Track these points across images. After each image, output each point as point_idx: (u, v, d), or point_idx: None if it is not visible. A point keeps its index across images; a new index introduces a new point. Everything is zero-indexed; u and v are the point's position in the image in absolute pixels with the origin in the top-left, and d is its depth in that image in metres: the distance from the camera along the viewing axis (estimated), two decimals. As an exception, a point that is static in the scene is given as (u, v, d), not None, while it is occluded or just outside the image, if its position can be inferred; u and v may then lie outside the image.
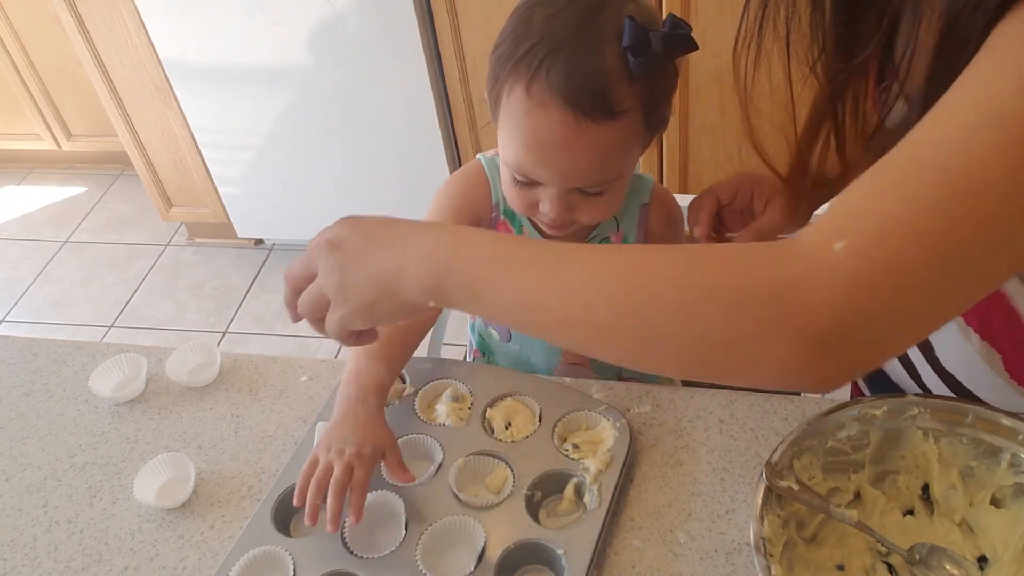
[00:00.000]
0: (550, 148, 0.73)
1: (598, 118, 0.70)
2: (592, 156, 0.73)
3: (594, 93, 0.70)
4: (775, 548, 0.64)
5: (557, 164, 0.74)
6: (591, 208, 0.79)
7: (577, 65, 0.70)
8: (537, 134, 0.72)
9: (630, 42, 0.69)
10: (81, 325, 2.32)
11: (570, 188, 0.76)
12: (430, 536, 0.72)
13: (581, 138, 0.71)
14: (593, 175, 0.76)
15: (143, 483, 0.81)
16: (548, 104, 0.70)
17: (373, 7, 1.82)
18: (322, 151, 2.10)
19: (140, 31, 1.98)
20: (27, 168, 2.93)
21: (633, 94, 0.72)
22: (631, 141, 0.76)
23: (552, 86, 0.70)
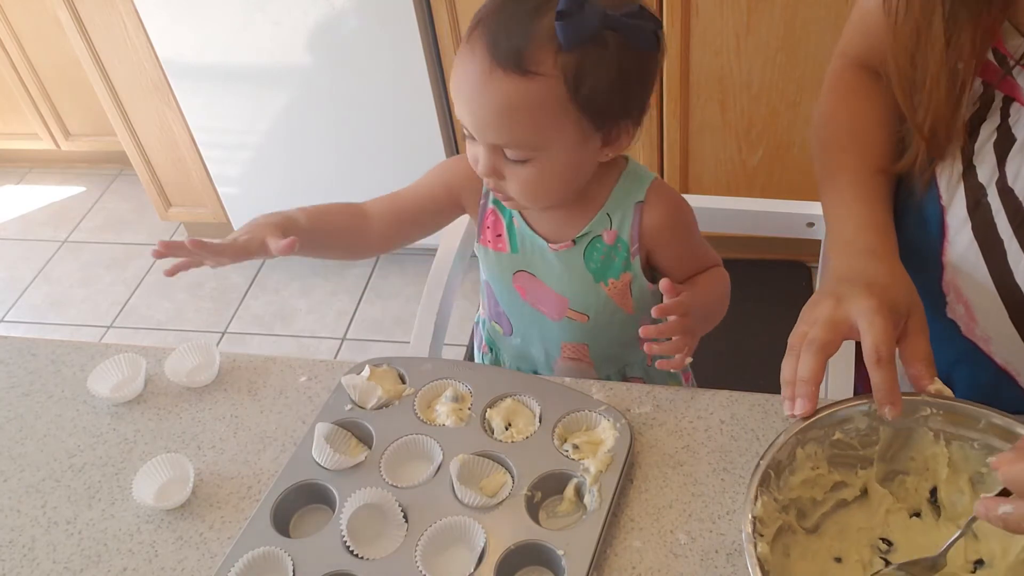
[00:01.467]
0: (466, 90, 0.76)
1: (509, 69, 0.73)
2: (499, 107, 0.75)
3: (514, 46, 0.73)
4: (767, 529, 0.64)
5: (471, 108, 0.76)
6: (516, 178, 0.80)
7: (511, 20, 0.74)
8: (460, 75, 0.76)
9: (561, 6, 0.71)
10: (80, 325, 2.31)
11: (490, 144, 0.78)
12: (430, 536, 0.72)
13: (491, 85, 0.74)
14: (503, 131, 0.76)
15: (142, 484, 0.81)
16: (475, 48, 0.74)
17: (373, 7, 1.82)
18: (321, 150, 2.10)
19: (139, 30, 1.98)
20: (25, 168, 2.93)
21: (556, 61, 0.73)
22: (549, 109, 0.75)
23: (482, 34, 0.74)
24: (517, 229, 0.92)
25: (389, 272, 2.34)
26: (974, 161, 0.72)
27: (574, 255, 0.89)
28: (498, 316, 1.00)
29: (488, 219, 0.93)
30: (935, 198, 0.76)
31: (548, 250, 0.90)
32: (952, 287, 0.75)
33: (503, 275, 0.95)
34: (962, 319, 0.76)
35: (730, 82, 1.74)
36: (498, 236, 0.93)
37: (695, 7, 1.64)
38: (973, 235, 0.72)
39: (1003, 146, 0.70)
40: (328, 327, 2.21)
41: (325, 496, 0.78)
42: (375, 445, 0.81)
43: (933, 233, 0.76)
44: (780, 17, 1.64)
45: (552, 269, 0.91)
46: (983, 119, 0.72)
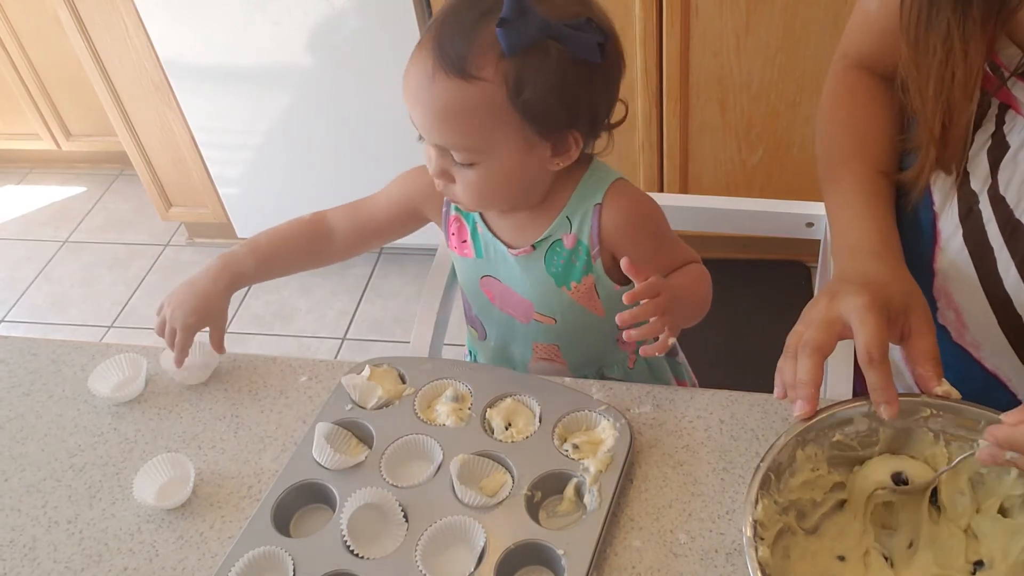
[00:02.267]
0: (413, 90, 0.78)
1: (451, 72, 0.74)
2: (440, 109, 0.76)
3: (457, 50, 0.74)
4: (767, 532, 0.64)
5: (417, 108, 0.78)
6: (463, 180, 0.81)
7: (458, 25, 0.75)
8: (408, 75, 0.78)
9: (504, 13, 0.72)
10: (80, 325, 2.31)
11: (435, 143, 0.80)
12: (430, 536, 0.72)
13: (432, 86, 0.75)
14: (445, 133, 0.78)
15: (142, 484, 0.81)
16: (423, 50, 0.76)
17: (373, 7, 1.82)
18: (322, 151, 2.10)
19: (139, 30, 1.98)
20: (26, 168, 2.93)
21: (497, 67, 0.74)
22: (489, 114, 0.76)
23: (432, 36, 0.76)
24: (480, 235, 0.92)
25: (389, 272, 2.34)
26: (968, 168, 0.72)
27: (534, 260, 0.89)
28: (472, 320, 1.01)
29: (452, 226, 0.94)
30: (929, 204, 0.76)
31: (508, 254, 0.90)
32: (943, 293, 0.76)
33: (471, 280, 0.96)
34: (952, 325, 0.76)
35: (730, 82, 1.74)
36: (463, 242, 0.93)
37: (695, 7, 1.64)
38: (964, 242, 0.73)
39: (996, 153, 0.70)
40: (328, 327, 2.21)
41: (325, 496, 0.78)
42: (375, 445, 0.81)
43: (925, 239, 0.76)
44: (780, 17, 1.64)
45: (514, 273, 0.91)
46: (979, 126, 0.72)
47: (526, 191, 0.85)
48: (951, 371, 0.76)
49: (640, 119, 1.82)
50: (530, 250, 0.89)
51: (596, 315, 0.92)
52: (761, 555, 0.61)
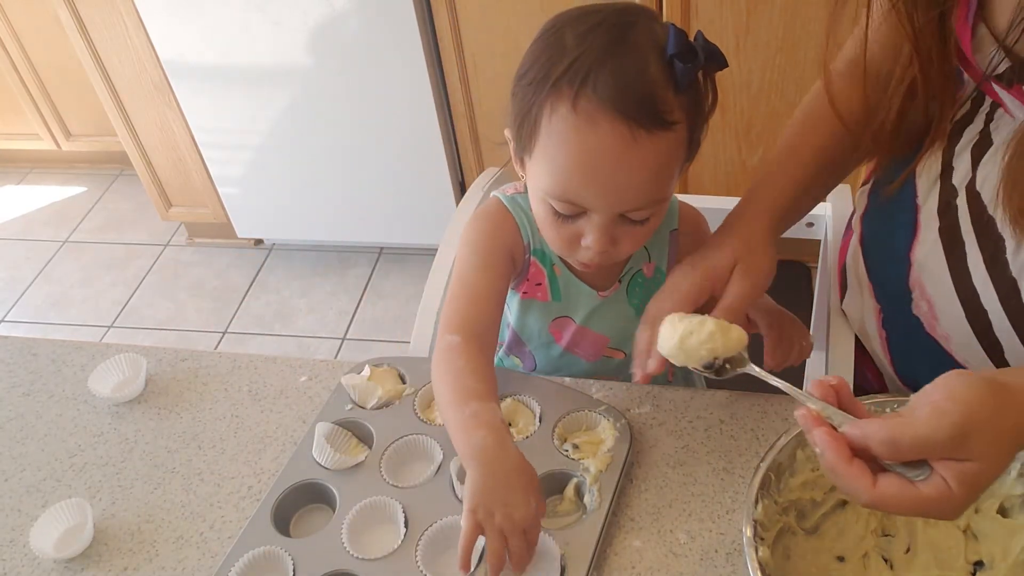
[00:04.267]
0: (602, 165, 0.68)
1: (652, 128, 0.66)
2: (645, 172, 0.69)
3: (645, 102, 0.66)
4: (767, 532, 0.64)
5: (610, 183, 0.69)
6: (632, 237, 0.75)
7: (625, 75, 0.66)
8: (588, 152, 0.68)
9: (676, 48, 0.66)
10: (80, 325, 2.32)
11: (618, 212, 0.72)
12: (430, 536, 0.72)
13: (635, 151, 0.67)
14: (644, 194, 0.71)
15: (40, 534, 0.78)
16: (598, 118, 0.66)
17: (373, 7, 1.82)
18: (322, 151, 2.10)
19: (139, 31, 1.98)
20: (26, 168, 2.93)
21: (680, 105, 0.68)
22: (678, 159, 0.72)
23: (601, 98, 0.66)
24: (560, 278, 0.87)
25: (389, 272, 2.34)
26: (953, 163, 0.73)
27: (619, 295, 0.88)
28: (521, 354, 0.96)
29: (531, 271, 0.87)
30: (911, 196, 0.76)
31: (597, 297, 0.87)
32: (917, 284, 0.77)
33: (539, 322, 0.91)
34: (925, 316, 0.77)
35: (730, 82, 1.74)
36: (538, 285, 0.88)
37: (695, 7, 1.64)
38: (939, 236, 0.74)
39: (980, 150, 0.71)
40: (328, 327, 2.21)
41: (325, 496, 0.79)
42: (375, 445, 0.81)
43: (905, 230, 0.77)
44: (780, 17, 1.64)
45: (596, 313, 0.88)
46: (970, 122, 0.73)
47: None
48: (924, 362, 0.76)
49: (640, 119, 1.82)
50: (617, 286, 0.87)
51: None
52: (761, 555, 0.61)
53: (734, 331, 0.70)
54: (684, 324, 0.70)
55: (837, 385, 0.59)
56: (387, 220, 2.21)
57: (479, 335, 0.79)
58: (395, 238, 2.29)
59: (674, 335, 0.69)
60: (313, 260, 2.41)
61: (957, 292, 0.72)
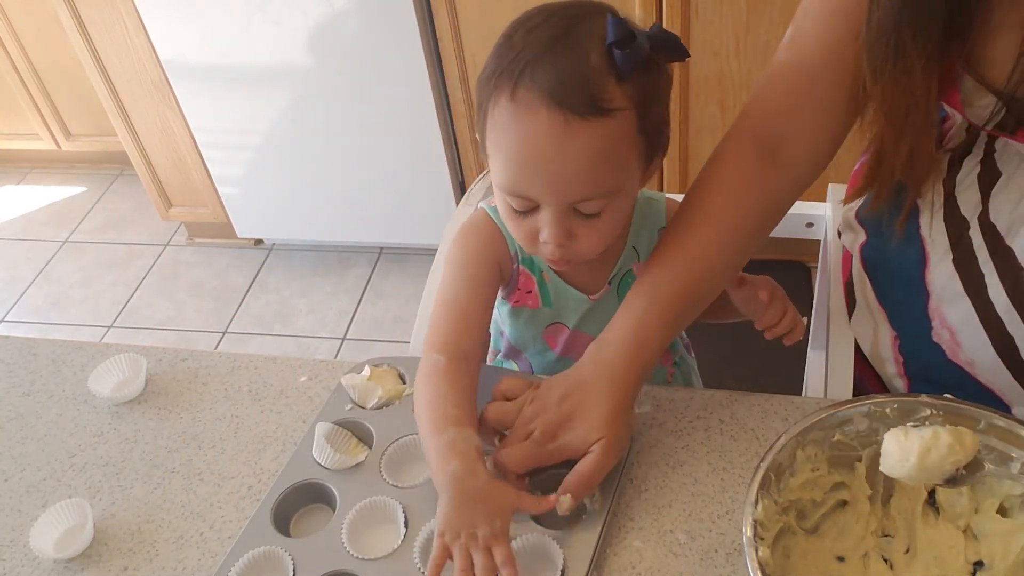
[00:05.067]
0: (540, 153, 0.69)
1: (587, 115, 0.67)
2: (584, 159, 0.69)
3: (581, 89, 0.67)
4: (767, 532, 0.64)
5: (550, 172, 0.70)
6: (590, 233, 0.74)
7: (562, 64, 0.67)
8: (526, 141, 0.69)
9: (615, 37, 0.67)
10: (80, 325, 2.32)
11: (566, 204, 0.72)
12: (429, 535, 0.72)
13: (571, 138, 0.68)
14: (587, 184, 0.71)
15: (40, 534, 0.78)
16: (535, 106, 0.67)
17: (373, 7, 1.82)
18: (322, 151, 2.10)
19: (139, 30, 1.98)
20: (26, 168, 2.93)
21: (622, 92, 0.69)
22: (625, 148, 0.71)
23: (538, 86, 0.67)
24: (549, 284, 0.87)
25: (389, 272, 2.34)
26: (956, 193, 0.73)
27: (610, 296, 0.87)
28: (518, 360, 0.96)
29: (520, 280, 0.87)
30: (915, 228, 0.76)
31: (586, 301, 0.87)
32: (937, 313, 0.76)
33: (531, 330, 0.90)
34: (947, 344, 0.77)
35: (730, 82, 1.74)
36: (528, 293, 0.88)
37: (695, 7, 1.64)
38: (955, 268, 0.73)
39: (987, 180, 0.71)
40: (328, 327, 2.21)
41: (325, 496, 0.79)
42: (375, 445, 0.81)
43: (915, 262, 0.77)
44: (780, 17, 1.64)
45: (588, 317, 0.88)
46: (968, 152, 0.73)
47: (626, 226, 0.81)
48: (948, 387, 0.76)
49: (640, 119, 1.82)
50: (607, 288, 0.86)
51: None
52: (761, 555, 0.61)
53: (967, 436, 0.64)
54: (916, 441, 0.63)
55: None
56: (387, 220, 2.21)
57: (464, 355, 0.79)
58: (395, 238, 2.29)
59: (910, 455, 0.63)
60: (313, 260, 2.41)
61: (981, 321, 0.72)
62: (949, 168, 0.74)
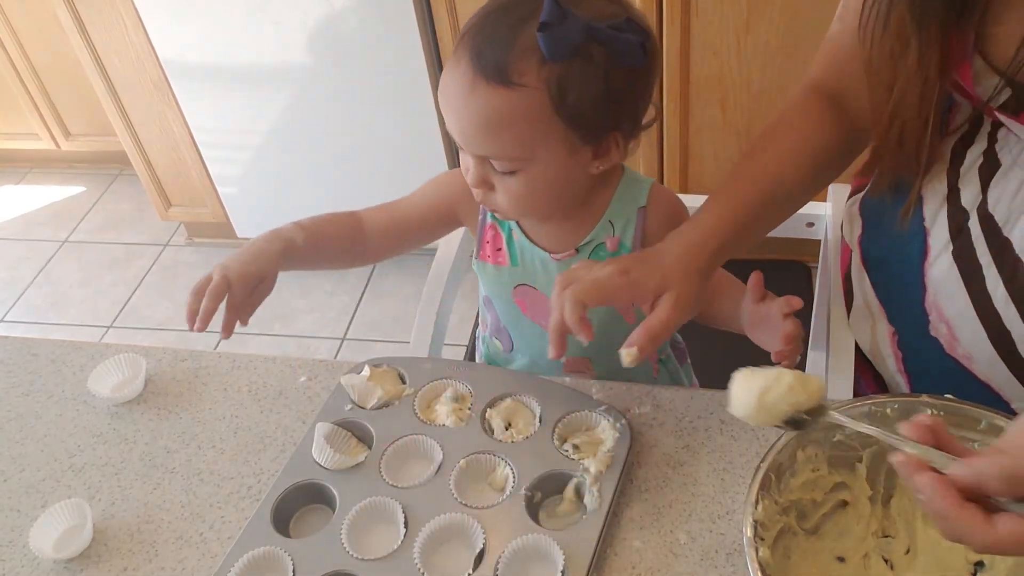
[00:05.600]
0: (451, 101, 0.76)
1: (492, 80, 0.73)
2: (482, 118, 0.74)
3: (497, 57, 0.72)
4: (767, 532, 0.64)
5: (456, 119, 0.76)
6: (504, 189, 0.79)
7: (496, 32, 0.74)
8: (445, 86, 0.77)
9: (544, 17, 0.71)
10: (80, 325, 2.31)
11: (476, 153, 0.78)
12: (429, 532, 0.72)
13: (474, 95, 0.74)
14: (486, 143, 0.76)
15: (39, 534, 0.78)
16: (460, 59, 0.75)
17: (373, 7, 1.82)
18: (321, 150, 2.10)
19: (139, 30, 1.98)
20: (26, 168, 2.93)
21: (539, 73, 0.72)
22: (533, 121, 0.74)
23: (468, 45, 0.74)
24: (516, 242, 0.91)
25: (389, 272, 2.34)
26: (959, 185, 0.73)
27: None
28: (499, 332, 0.99)
29: (487, 234, 0.92)
30: (920, 219, 0.76)
31: (550, 260, 0.89)
32: (934, 307, 0.76)
33: (503, 289, 0.94)
34: (944, 338, 0.77)
35: (730, 82, 1.74)
36: (498, 250, 0.92)
37: (695, 7, 1.64)
38: (954, 259, 0.73)
39: (988, 171, 0.71)
40: (328, 327, 2.21)
41: (325, 496, 0.78)
42: (375, 445, 0.81)
43: (916, 254, 0.77)
44: (780, 17, 1.63)
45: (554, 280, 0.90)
46: (971, 143, 0.72)
47: (567, 196, 0.84)
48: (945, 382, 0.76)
49: (640, 119, 1.82)
50: (573, 254, 0.88)
51: (628, 323, 0.91)
52: (761, 555, 0.61)
53: (812, 381, 0.65)
54: (759, 380, 0.65)
55: (933, 425, 0.56)
56: (387, 220, 2.21)
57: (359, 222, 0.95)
58: (395, 238, 2.29)
59: (750, 393, 0.65)
60: (313, 260, 2.41)
61: (978, 314, 0.72)
62: (953, 159, 0.74)
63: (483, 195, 0.82)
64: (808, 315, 1.10)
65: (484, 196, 0.82)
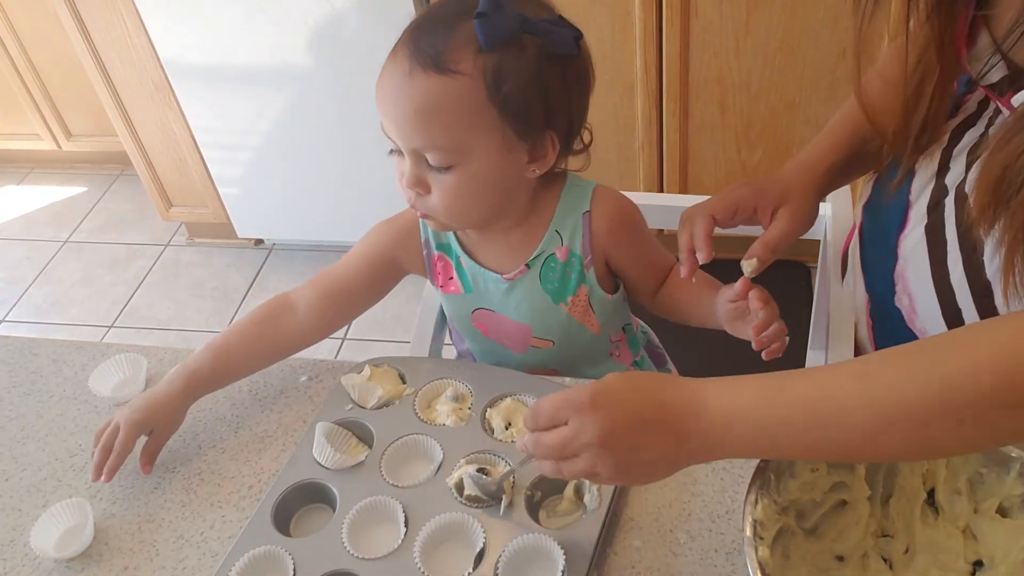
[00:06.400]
0: (387, 93, 0.77)
1: (428, 68, 0.73)
2: (418, 105, 0.75)
3: (433, 45, 0.74)
4: (767, 532, 0.64)
5: (392, 110, 0.76)
6: (439, 187, 0.78)
7: (433, 24, 0.75)
8: (382, 79, 0.77)
9: (480, 8, 0.72)
10: (81, 325, 2.32)
11: (413, 149, 0.77)
12: (429, 534, 0.73)
13: (410, 84, 0.74)
14: (422, 132, 0.76)
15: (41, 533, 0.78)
16: (398, 51, 0.76)
17: (373, 7, 1.82)
18: (322, 151, 2.10)
19: (140, 31, 1.98)
20: (27, 168, 2.93)
21: (475, 61, 0.74)
22: (468, 109, 0.75)
23: (405, 40, 0.76)
24: (466, 268, 0.90)
25: (390, 272, 2.34)
26: (950, 164, 0.74)
27: (530, 280, 0.88)
28: (466, 353, 1.00)
29: (437, 265, 0.92)
30: (906, 192, 0.77)
31: (502, 281, 0.88)
32: (901, 278, 0.77)
33: (463, 316, 0.94)
34: (906, 310, 0.78)
35: (729, 82, 1.74)
36: (450, 279, 0.92)
37: (694, 8, 1.64)
38: (925, 233, 0.74)
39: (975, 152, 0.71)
40: (329, 327, 2.21)
41: (326, 495, 0.79)
42: (375, 445, 0.81)
43: (895, 224, 0.78)
44: (779, 18, 1.64)
45: (510, 300, 0.90)
46: (972, 125, 0.73)
47: (504, 201, 0.83)
48: None
49: (640, 119, 1.82)
50: (524, 270, 0.87)
51: (592, 331, 0.92)
52: (760, 555, 0.61)
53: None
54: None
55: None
56: (387, 220, 2.21)
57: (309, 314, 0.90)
58: (395, 238, 2.29)
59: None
60: (313, 260, 2.41)
61: (936, 289, 0.73)
62: (951, 139, 0.74)
63: (418, 199, 0.80)
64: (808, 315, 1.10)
65: (419, 200, 0.80)
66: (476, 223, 0.86)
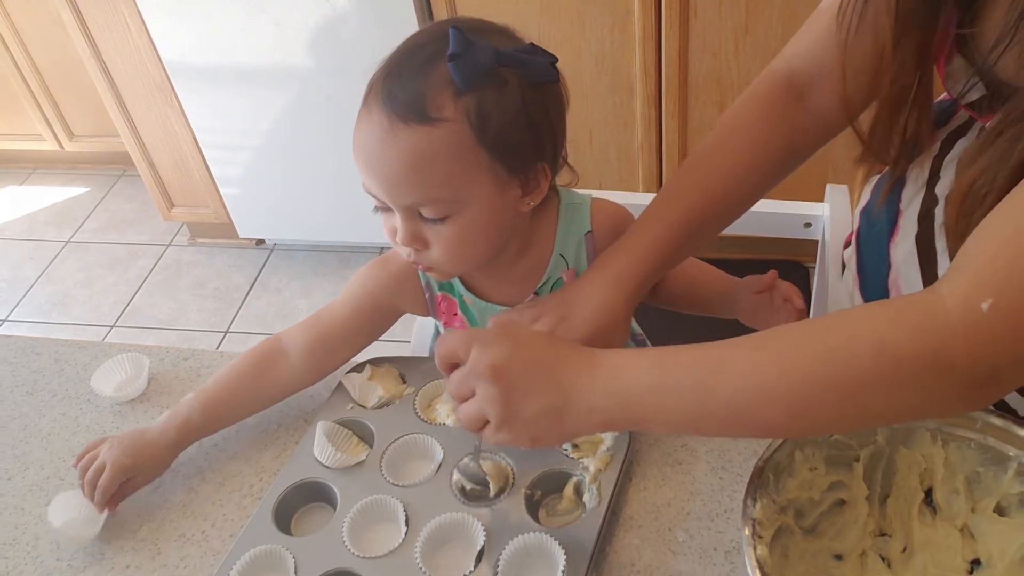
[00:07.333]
0: (370, 153, 0.72)
1: (410, 120, 0.70)
2: (406, 162, 0.71)
3: (410, 97, 0.70)
4: (765, 531, 0.64)
5: (377, 171, 0.72)
6: (438, 240, 0.74)
7: (405, 74, 0.72)
8: (362, 139, 0.73)
9: (452, 49, 0.69)
10: (83, 325, 2.32)
11: (404, 207, 0.73)
12: (430, 533, 0.73)
13: (393, 141, 0.70)
14: (414, 188, 0.72)
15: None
16: (373, 109, 0.72)
17: (373, 7, 1.83)
18: (323, 151, 2.10)
19: (141, 31, 1.98)
20: (29, 168, 2.94)
21: (456, 105, 0.70)
22: (458, 156, 0.71)
23: (378, 93, 0.72)
24: (471, 305, 0.87)
25: (391, 272, 2.35)
26: (940, 172, 0.74)
27: None
28: None
29: (441, 305, 0.89)
30: (896, 199, 0.77)
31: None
32: (895, 286, 0.78)
33: None
34: None
35: (728, 83, 1.74)
36: (454, 315, 0.89)
37: (694, 8, 1.65)
38: (916, 242, 0.74)
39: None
40: (330, 327, 2.22)
41: (326, 494, 0.79)
42: (376, 444, 0.82)
43: (885, 231, 0.78)
44: (778, 18, 1.64)
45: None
46: (963, 134, 0.73)
47: (502, 239, 0.79)
48: None
49: (639, 120, 1.82)
50: (534, 299, 0.85)
51: None
52: (759, 554, 0.61)
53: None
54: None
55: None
56: (388, 220, 2.21)
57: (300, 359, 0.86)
58: (396, 238, 2.30)
59: None
60: (314, 260, 2.41)
61: None
62: (942, 149, 0.75)
63: (416, 254, 0.76)
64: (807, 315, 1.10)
65: (418, 256, 0.76)
66: (479, 264, 0.82)
